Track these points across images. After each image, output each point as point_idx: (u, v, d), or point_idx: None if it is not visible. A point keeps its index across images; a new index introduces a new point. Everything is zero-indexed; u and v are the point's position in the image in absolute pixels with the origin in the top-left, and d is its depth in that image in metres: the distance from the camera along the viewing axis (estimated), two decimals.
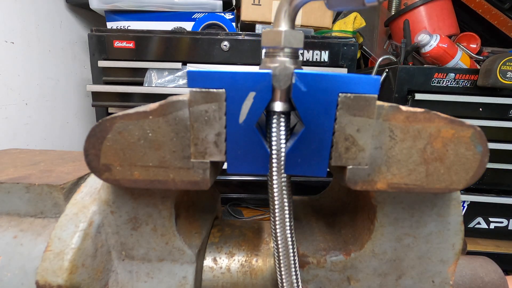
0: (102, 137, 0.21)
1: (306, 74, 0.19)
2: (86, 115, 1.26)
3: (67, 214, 0.26)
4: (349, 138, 0.20)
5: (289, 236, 0.22)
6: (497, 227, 0.93)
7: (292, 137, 0.21)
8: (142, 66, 0.91)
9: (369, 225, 0.26)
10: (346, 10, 0.26)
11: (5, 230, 0.27)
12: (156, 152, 0.21)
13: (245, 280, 0.30)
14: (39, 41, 1.01)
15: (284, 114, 0.20)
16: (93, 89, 0.91)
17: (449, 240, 0.25)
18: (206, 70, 0.19)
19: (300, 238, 0.29)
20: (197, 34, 0.90)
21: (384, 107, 0.20)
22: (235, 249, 0.32)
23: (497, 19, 1.12)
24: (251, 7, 1.04)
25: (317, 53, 0.92)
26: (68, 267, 0.23)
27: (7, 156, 0.37)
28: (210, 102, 0.19)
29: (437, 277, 0.26)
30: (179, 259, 0.27)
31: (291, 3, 0.21)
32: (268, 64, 0.20)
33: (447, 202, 0.24)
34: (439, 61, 0.91)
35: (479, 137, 0.20)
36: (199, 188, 0.21)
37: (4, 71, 0.88)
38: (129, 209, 0.25)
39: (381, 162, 0.21)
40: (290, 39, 0.20)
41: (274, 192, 0.21)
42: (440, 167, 0.21)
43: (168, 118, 0.20)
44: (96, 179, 0.28)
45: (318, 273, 0.27)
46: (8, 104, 0.90)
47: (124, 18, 1.07)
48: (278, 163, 0.20)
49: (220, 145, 0.20)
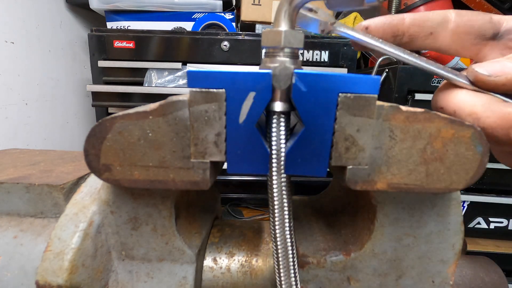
0: (102, 137, 0.21)
1: (306, 74, 0.19)
2: (86, 115, 1.26)
3: (67, 214, 0.26)
4: (349, 138, 0.20)
5: (288, 236, 0.22)
6: (497, 227, 0.93)
7: (292, 137, 0.21)
8: (142, 66, 0.91)
9: (369, 225, 0.26)
10: (346, 10, 0.26)
11: (5, 230, 0.27)
12: (156, 152, 0.21)
13: (245, 280, 0.30)
14: (39, 41, 1.01)
15: (284, 114, 0.20)
16: (93, 89, 0.91)
17: (449, 240, 0.25)
18: (206, 70, 0.19)
19: (300, 238, 0.29)
20: (197, 34, 0.90)
21: (384, 107, 0.20)
22: (235, 249, 0.32)
23: None
24: (251, 7, 1.04)
25: (317, 53, 0.92)
26: (68, 267, 0.23)
27: (7, 156, 0.37)
28: (210, 102, 0.19)
29: (437, 277, 0.26)
30: (179, 259, 0.27)
31: (291, 3, 0.21)
32: (268, 64, 0.20)
33: (447, 202, 0.24)
34: (439, 61, 0.92)
35: (479, 137, 0.20)
36: (199, 188, 0.21)
37: (4, 71, 0.88)
38: (129, 209, 0.25)
39: (381, 162, 0.21)
40: (290, 39, 0.20)
41: (273, 192, 0.21)
42: (440, 167, 0.21)
43: (168, 118, 0.20)
44: (96, 179, 0.28)
45: (318, 273, 0.27)
46: (8, 104, 0.90)
47: (124, 18, 1.07)
48: (278, 163, 0.20)
49: (220, 145, 0.20)
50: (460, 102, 0.23)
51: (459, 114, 0.22)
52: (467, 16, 0.25)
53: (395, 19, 0.26)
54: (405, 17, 0.26)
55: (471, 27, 0.25)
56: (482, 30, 0.25)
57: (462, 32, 0.25)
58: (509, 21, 0.25)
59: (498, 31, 0.25)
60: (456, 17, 0.25)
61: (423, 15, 0.25)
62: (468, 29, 0.25)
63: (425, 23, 0.25)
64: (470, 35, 0.25)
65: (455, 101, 0.23)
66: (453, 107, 0.23)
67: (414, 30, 0.26)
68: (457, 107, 0.23)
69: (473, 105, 0.22)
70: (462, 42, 0.25)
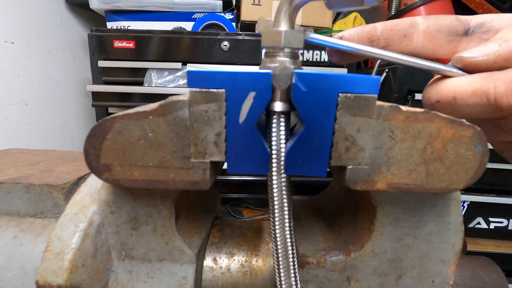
0: (102, 137, 0.21)
1: (306, 74, 0.19)
2: (86, 115, 1.26)
3: (67, 214, 0.26)
4: (349, 138, 0.20)
5: (288, 236, 0.22)
6: (497, 227, 0.93)
7: (292, 137, 0.21)
8: (142, 66, 0.91)
9: (369, 225, 0.26)
10: (346, 10, 0.26)
11: (5, 230, 0.27)
12: (156, 152, 0.21)
13: (245, 280, 0.30)
14: (39, 41, 1.01)
15: (284, 114, 0.20)
16: (93, 89, 0.91)
17: (449, 240, 0.25)
18: (206, 70, 0.19)
19: (300, 238, 0.29)
20: (197, 34, 0.90)
21: (384, 107, 0.20)
22: (235, 249, 0.32)
23: None
24: (251, 7, 1.04)
25: (317, 53, 0.92)
26: (68, 267, 0.23)
27: (7, 156, 0.37)
28: (210, 102, 0.19)
29: (437, 277, 0.26)
30: (179, 259, 0.27)
31: (291, 3, 0.21)
32: (268, 64, 0.20)
33: (447, 202, 0.24)
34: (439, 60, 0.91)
35: (479, 137, 0.20)
36: (199, 188, 0.21)
37: (4, 71, 0.88)
38: (129, 209, 0.25)
39: (381, 162, 0.21)
40: (290, 39, 0.20)
41: (273, 192, 0.21)
42: (440, 167, 0.21)
43: (168, 118, 0.20)
44: (96, 179, 0.28)
45: (318, 273, 0.27)
46: (8, 104, 0.90)
47: (124, 18, 1.07)
48: (278, 163, 0.20)
49: (220, 145, 0.20)
50: (458, 86, 0.22)
51: (460, 97, 0.22)
52: (434, 18, 0.26)
53: (367, 27, 0.27)
54: (376, 25, 0.27)
55: (440, 25, 0.26)
56: (453, 27, 0.26)
57: (434, 31, 0.26)
58: (476, 18, 0.26)
59: (468, 27, 0.26)
60: (423, 19, 0.26)
61: (393, 21, 0.27)
62: (438, 27, 0.26)
63: (396, 27, 0.26)
64: (442, 33, 0.26)
65: (452, 86, 0.22)
66: (451, 94, 0.22)
67: (387, 33, 0.26)
68: (457, 92, 0.22)
69: (474, 82, 0.21)
70: (436, 40, 0.26)
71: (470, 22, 0.26)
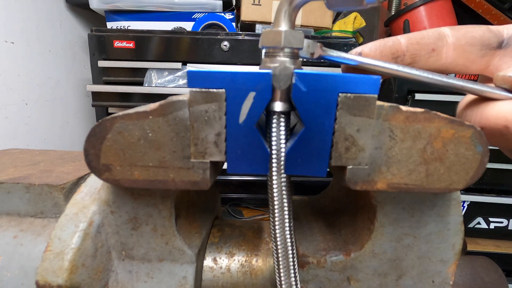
0: (102, 137, 0.21)
1: (306, 74, 0.19)
2: (86, 115, 1.26)
3: (67, 214, 0.26)
4: (349, 138, 0.20)
5: (288, 236, 0.22)
6: (497, 227, 0.93)
7: (292, 137, 0.21)
8: (142, 66, 0.91)
9: (369, 225, 0.26)
10: (346, 10, 0.25)
11: (5, 230, 0.27)
12: (156, 152, 0.21)
13: (245, 280, 0.30)
14: (39, 41, 1.01)
15: (284, 114, 0.20)
16: (93, 89, 0.91)
17: (449, 240, 0.25)
18: (206, 70, 0.19)
19: (300, 238, 0.29)
20: (197, 34, 0.90)
21: (384, 107, 0.20)
22: (235, 249, 0.32)
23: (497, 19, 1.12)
24: (251, 7, 1.04)
25: None
26: (68, 267, 0.23)
27: (7, 156, 0.37)
28: (210, 102, 0.19)
29: (437, 277, 0.26)
30: (179, 259, 0.27)
31: (291, 3, 0.21)
32: (268, 64, 0.20)
33: (447, 202, 0.24)
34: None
35: (479, 137, 0.20)
36: (199, 188, 0.21)
37: (4, 71, 0.88)
38: (129, 209, 0.25)
39: (381, 162, 0.21)
40: (290, 39, 0.20)
41: (273, 192, 0.21)
42: (440, 167, 0.21)
43: (168, 118, 0.20)
44: (96, 179, 0.28)
45: (318, 273, 0.27)
46: (8, 104, 0.90)
47: (124, 18, 1.06)
48: (278, 163, 0.20)
49: (220, 145, 0.20)
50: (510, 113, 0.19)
51: None
52: (463, 29, 0.23)
53: (389, 40, 0.24)
54: (400, 37, 0.24)
55: (472, 38, 0.23)
56: (486, 39, 0.23)
57: (465, 44, 0.23)
58: (509, 28, 0.23)
59: (502, 39, 0.23)
60: (451, 31, 0.23)
61: (417, 34, 0.24)
62: (470, 40, 0.23)
63: (422, 40, 0.23)
64: (475, 46, 0.23)
65: (502, 113, 0.20)
66: (503, 122, 0.20)
67: (413, 48, 0.24)
68: (510, 120, 0.19)
69: None
70: (468, 55, 0.23)
71: (503, 34, 0.23)
